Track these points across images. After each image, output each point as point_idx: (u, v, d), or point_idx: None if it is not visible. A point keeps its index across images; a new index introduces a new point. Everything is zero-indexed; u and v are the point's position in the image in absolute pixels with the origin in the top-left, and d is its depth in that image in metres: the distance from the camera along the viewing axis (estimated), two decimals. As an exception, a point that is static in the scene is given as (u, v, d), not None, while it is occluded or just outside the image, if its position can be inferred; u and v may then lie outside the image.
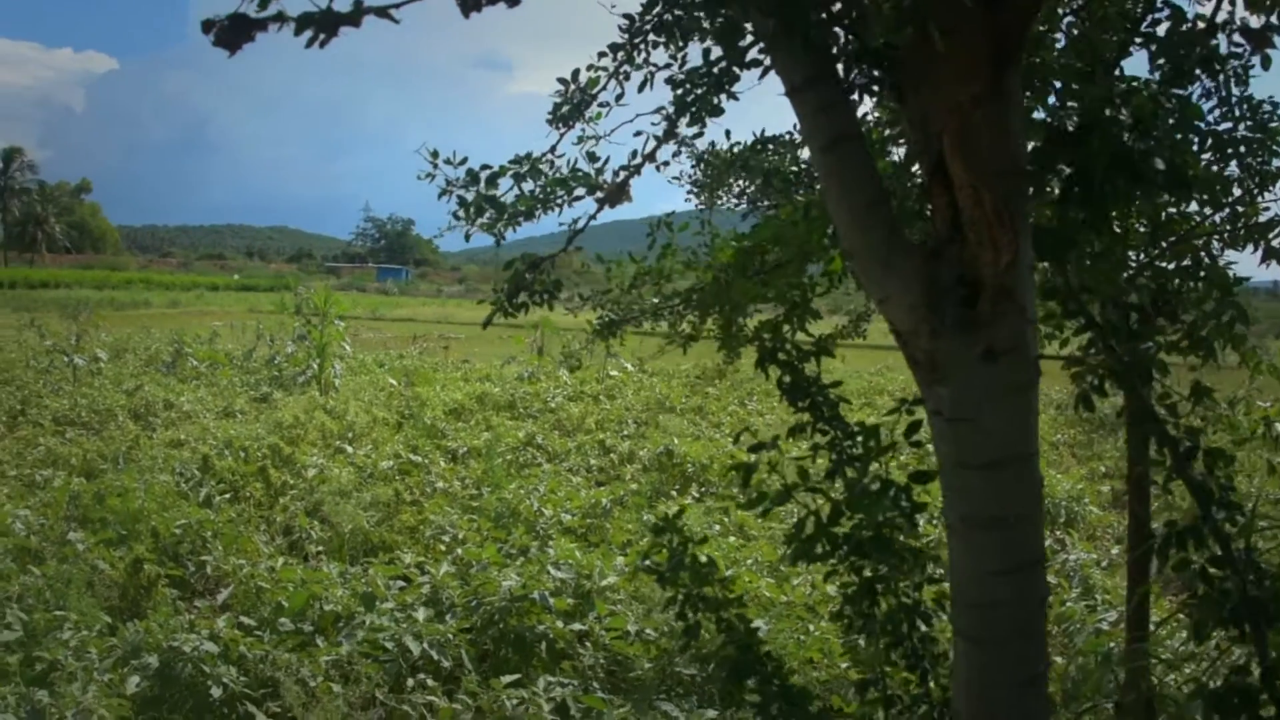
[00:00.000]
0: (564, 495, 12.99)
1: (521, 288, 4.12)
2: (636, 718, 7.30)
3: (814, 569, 10.50)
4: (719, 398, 25.16)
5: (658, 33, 3.71)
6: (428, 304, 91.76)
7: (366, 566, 10.37)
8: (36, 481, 13.57)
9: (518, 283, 4.09)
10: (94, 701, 6.73)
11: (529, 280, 4.10)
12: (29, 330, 35.53)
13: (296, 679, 7.40)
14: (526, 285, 4.12)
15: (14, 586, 8.85)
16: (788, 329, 4.55)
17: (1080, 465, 17.99)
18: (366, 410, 20.19)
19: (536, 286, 4.17)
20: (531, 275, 4.09)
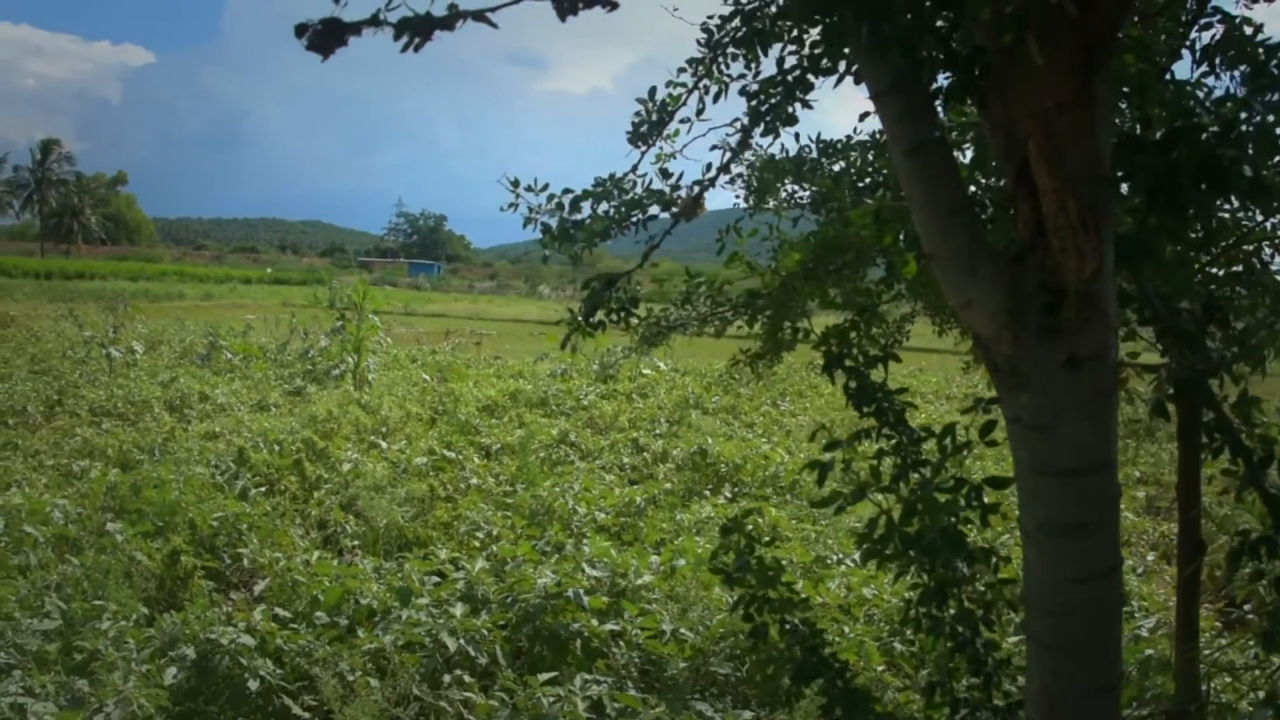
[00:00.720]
0: (598, 493, 12.98)
1: (598, 306, 4.09)
2: (671, 717, 7.27)
3: (851, 571, 10.53)
4: (751, 398, 25.13)
5: (737, 45, 3.69)
6: (459, 300, 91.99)
7: (401, 561, 10.40)
8: (73, 472, 13.63)
9: (594, 301, 4.06)
10: (134, 691, 6.75)
11: (606, 298, 4.08)
12: (66, 321, 35.84)
13: (335, 673, 7.41)
14: (604, 303, 4.10)
15: (53, 575, 8.89)
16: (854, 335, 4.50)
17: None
18: (400, 405, 20.24)
19: (614, 304, 4.15)
20: (608, 293, 4.06)
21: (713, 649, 8.55)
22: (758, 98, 3.70)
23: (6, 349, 28.31)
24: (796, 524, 12.58)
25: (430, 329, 50.23)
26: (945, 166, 2.70)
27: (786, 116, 3.66)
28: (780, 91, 3.58)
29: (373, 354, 26.88)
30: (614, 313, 4.20)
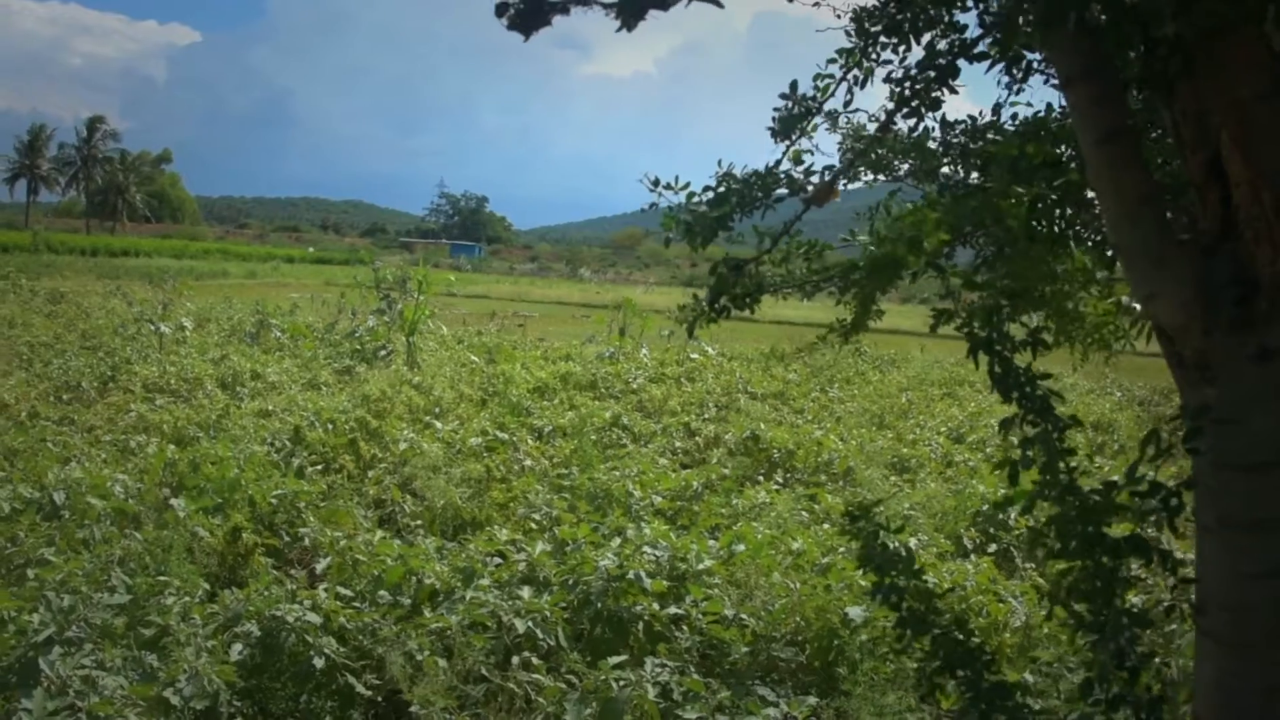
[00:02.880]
0: (654, 477, 12.94)
1: (723, 291, 4.05)
2: (736, 702, 7.25)
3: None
4: (799, 384, 25.06)
5: (889, 34, 3.64)
6: (501, 281, 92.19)
7: (461, 542, 10.40)
8: (130, 447, 13.69)
9: (721, 286, 4.02)
10: (205, 667, 6.77)
11: (732, 283, 4.03)
12: (115, 298, 36.11)
13: (403, 652, 7.41)
14: (729, 289, 4.05)
15: (116, 550, 8.93)
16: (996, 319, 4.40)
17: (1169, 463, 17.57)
18: (452, 386, 20.28)
19: (739, 290, 4.10)
20: (735, 278, 4.01)
21: (774, 634, 8.51)
22: (904, 84, 3.65)
23: (58, 325, 28.52)
24: (853, 512, 12.49)
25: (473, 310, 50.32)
26: (1134, 155, 2.65)
27: (931, 102, 3.62)
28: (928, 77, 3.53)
29: (421, 335, 26.93)
30: (739, 298, 4.15)
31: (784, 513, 11.78)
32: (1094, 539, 3.65)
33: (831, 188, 3.91)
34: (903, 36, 3.57)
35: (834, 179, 3.93)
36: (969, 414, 21.80)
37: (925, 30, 3.52)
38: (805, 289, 4.46)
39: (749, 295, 4.14)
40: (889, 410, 21.91)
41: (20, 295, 36.97)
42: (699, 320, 4.22)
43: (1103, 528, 3.69)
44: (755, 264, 4.09)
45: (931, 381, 27.70)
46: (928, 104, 3.64)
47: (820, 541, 10.39)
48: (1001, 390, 4.12)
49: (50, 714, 6.21)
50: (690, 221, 3.98)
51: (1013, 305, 4.05)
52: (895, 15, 3.54)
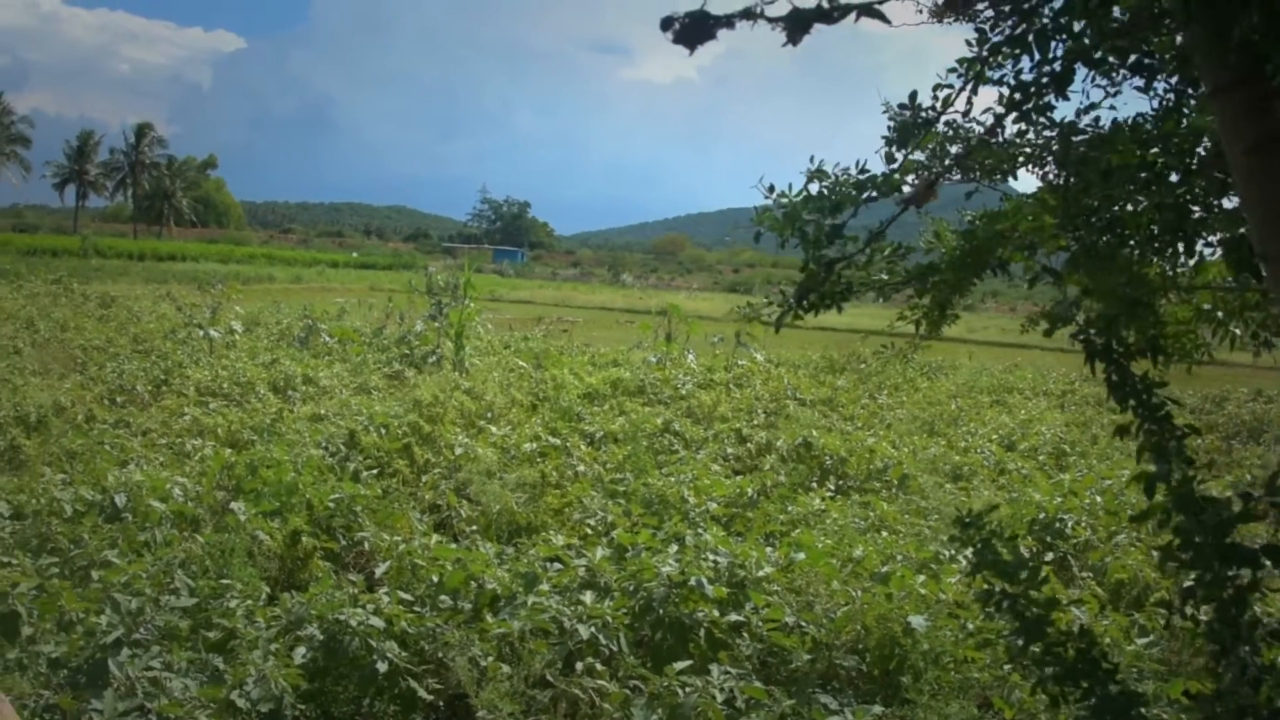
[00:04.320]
0: (709, 484, 12.90)
1: (812, 289, 4.03)
2: (801, 711, 7.21)
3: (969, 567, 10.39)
4: (848, 390, 24.98)
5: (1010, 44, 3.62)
6: (544, 286, 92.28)
7: (518, 546, 10.41)
8: (186, 451, 13.78)
9: (810, 284, 4.00)
10: (273, 670, 6.80)
11: (821, 280, 4.02)
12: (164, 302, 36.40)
13: (468, 656, 7.41)
14: (818, 286, 4.03)
15: (178, 552, 8.98)
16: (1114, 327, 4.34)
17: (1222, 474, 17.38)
18: (502, 391, 20.32)
19: (827, 288, 4.08)
20: (824, 275, 4.00)
21: (834, 642, 8.47)
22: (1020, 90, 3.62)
23: (109, 329, 28.79)
24: (909, 520, 12.44)
25: (518, 315, 50.47)
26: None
27: (1042, 107, 3.59)
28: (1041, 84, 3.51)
29: (469, 340, 27.01)
30: (828, 297, 4.13)
31: (840, 520, 11.73)
32: (1226, 549, 3.59)
33: (931, 189, 3.89)
34: (1025, 46, 3.54)
35: (934, 180, 3.91)
36: (1020, 421, 21.70)
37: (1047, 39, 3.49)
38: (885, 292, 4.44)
39: (837, 294, 4.12)
40: (939, 417, 21.81)
41: (72, 299, 37.36)
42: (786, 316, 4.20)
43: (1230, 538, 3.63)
44: (846, 264, 4.07)
45: (980, 389, 27.59)
46: (1038, 109, 3.61)
47: (879, 549, 10.33)
48: (1118, 398, 4.07)
49: (120, 714, 6.25)
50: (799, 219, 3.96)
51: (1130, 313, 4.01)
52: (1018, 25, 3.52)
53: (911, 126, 3.97)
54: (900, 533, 11.77)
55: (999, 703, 7.80)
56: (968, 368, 31.96)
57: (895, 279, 4.29)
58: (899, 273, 4.31)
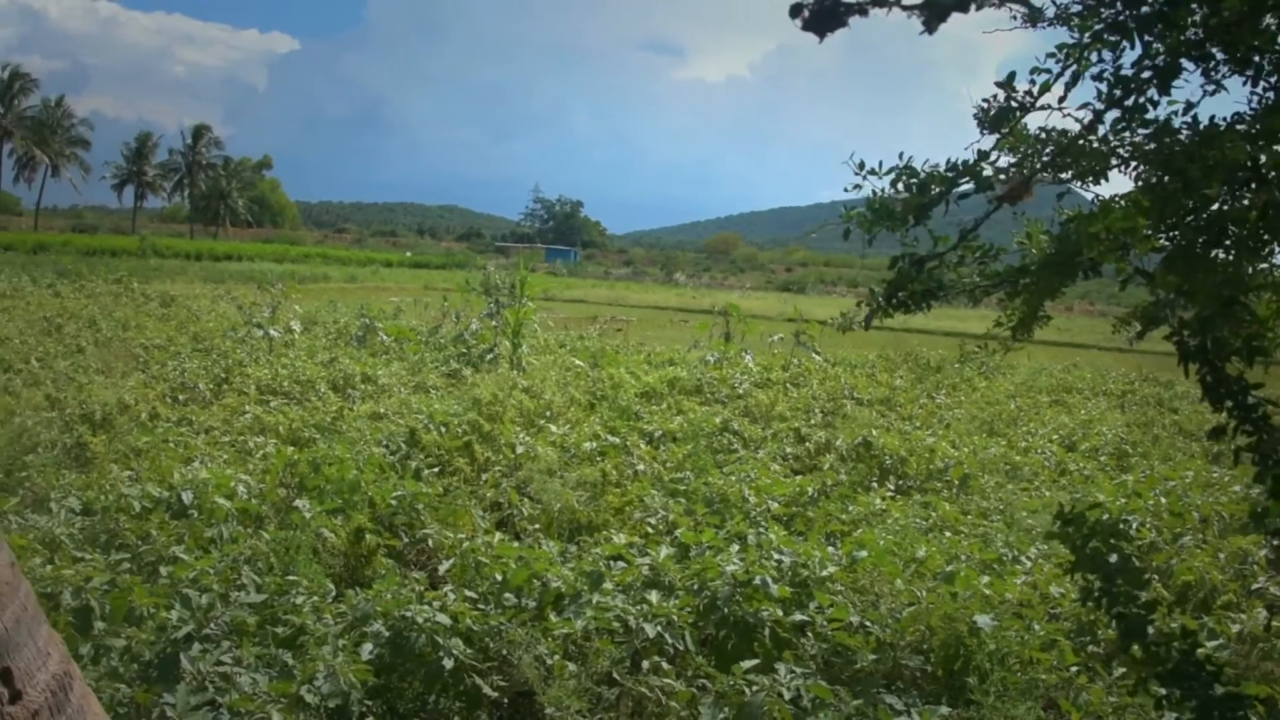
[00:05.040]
0: (769, 483, 12.86)
1: (901, 287, 3.99)
2: (867, 711, 7.17)
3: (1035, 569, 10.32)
4: (906, 390, 24.86)
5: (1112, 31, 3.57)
6: (597, 286, 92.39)
7: (579, 545, 10.42)
8: (249, 448, 13.89)
9: (900, 282, 3.96)
10: (342, 666, 6.84)
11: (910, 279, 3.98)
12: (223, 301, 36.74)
13: (535, 655, 7.41)
14: (907, 285, 3.99)
15: (244, 549, 9.04)
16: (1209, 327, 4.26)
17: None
18: (560, 390, 20.35)
19: (917, 286, 4.04)
20: (914, 274, 3.96)
21: (899, 642, 8.42)
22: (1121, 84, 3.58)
23: (170, 328, 29.07)
24: (972, 520, 12.36)
25: (571, 314, 50.55)
26: None
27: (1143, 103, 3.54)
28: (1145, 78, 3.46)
29: (525, 338, 27.08)
30: (917, 296, 4.09)
31: (901, 520, 11.67)
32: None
33: (1027, 186, 3.84)
34: (1127, 34, 3.49)
35: (1029, 177, 3.86)
36: (1080, 421, 21.53)
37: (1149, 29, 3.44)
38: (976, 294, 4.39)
39: (927, 293, 4.08)
40: (998, 417, 21.67)
41: (133, 298, 37.76)
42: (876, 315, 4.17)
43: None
44: (939, 261, 4.02)
45: (1039, 388, 27.41)
46: (1139, 106, 3.56)
47: (943, 549, 10.26)
48: (1212, 400, 4.00)
49: (192, 709, 6.30)
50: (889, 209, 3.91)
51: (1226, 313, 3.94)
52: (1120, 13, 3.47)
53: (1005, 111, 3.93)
54: (963, 533, 11.70)
55: (1066, 705, 7.74)
56: (1026, 367, 31.73)
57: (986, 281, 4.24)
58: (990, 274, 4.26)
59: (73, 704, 3.77)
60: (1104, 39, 3.57)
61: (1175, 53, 3.29)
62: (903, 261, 3.98)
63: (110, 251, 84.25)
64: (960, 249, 4.14)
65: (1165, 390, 28.84)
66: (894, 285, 4.01)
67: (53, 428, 13.98)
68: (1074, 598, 9.35)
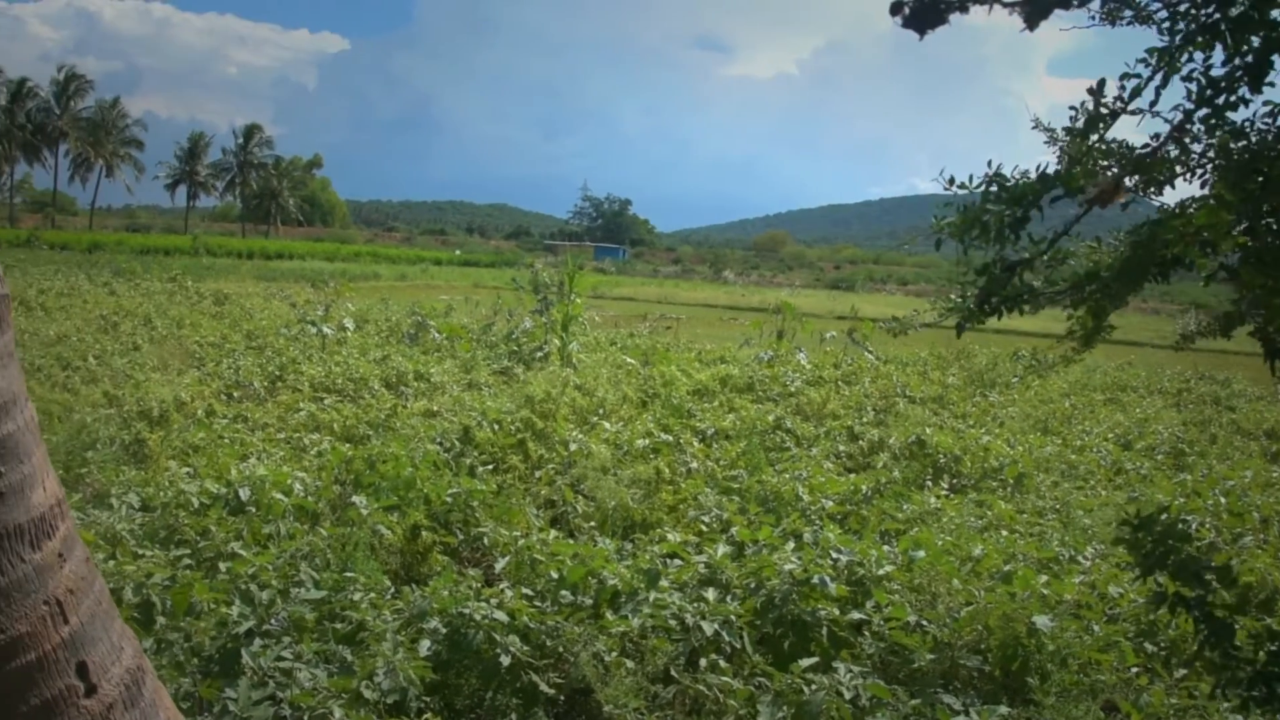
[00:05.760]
0: (823, 481, 12.81)
1: (994, 292, 3.96)
2: (926, 711, 7.13)
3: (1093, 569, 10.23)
4: (959, 388, 24.71)
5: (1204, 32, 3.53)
6: (646, 284, 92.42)
7: (634, 542, 10.42)
8: (304, 445, 13.98)
9: (992, 287, 3.93)
10: (402, 662, 6.87)
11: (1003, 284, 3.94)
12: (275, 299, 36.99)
13: (593, 652, 7.42)
14: (1000, 290, 3.96)
15: (301, 545, 9.10)
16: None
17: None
18: (613, 387, 20.36)
19: (1009, 291, 4.01)
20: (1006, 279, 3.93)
21: (956, 641, 8.36)
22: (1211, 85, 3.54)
23: (223, 325, 29.30)
24: (1027, 519, 12.27)
25: (621, 312, 50.59)
26: None
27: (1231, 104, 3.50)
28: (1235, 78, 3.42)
29: (576, 336, 27.12)
30: (1008, 300, 4.06)
31: (956, 519, 11.60)
32: None
33: (1117, 188, 3.79)
34: (1219, 35, 3.45)
35: (1119, 178, 3.81)
36: (1135, 420, 21.34)
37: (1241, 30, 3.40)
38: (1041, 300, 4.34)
39: (1018, 298, 4.04)
40: (1052, 416, 21.51)
41: (187, 297, 38.08)
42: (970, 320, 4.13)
43: None
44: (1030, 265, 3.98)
45: (1094, 387, 27.20)
46: (1230, 104, 3.51)
47: (999, 549, 10.19)
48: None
49: (253, 704, 6.34)
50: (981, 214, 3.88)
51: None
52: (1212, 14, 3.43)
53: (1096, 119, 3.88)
54: (1018, 532, 11.61)
55: (1126, 706, 7.65)
56: (1079, 365, 31.45)
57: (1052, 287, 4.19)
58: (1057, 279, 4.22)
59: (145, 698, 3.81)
60: (1196, 40, 3.52)
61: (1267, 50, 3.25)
62: (994, 267, 3.94)
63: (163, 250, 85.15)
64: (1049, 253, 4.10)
65: (1222, 389, 28.56)
66: (985, 291, 3.97)
67: (111, 424, 14.09)
68: (1133, 598, 9.28)
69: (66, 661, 3.46)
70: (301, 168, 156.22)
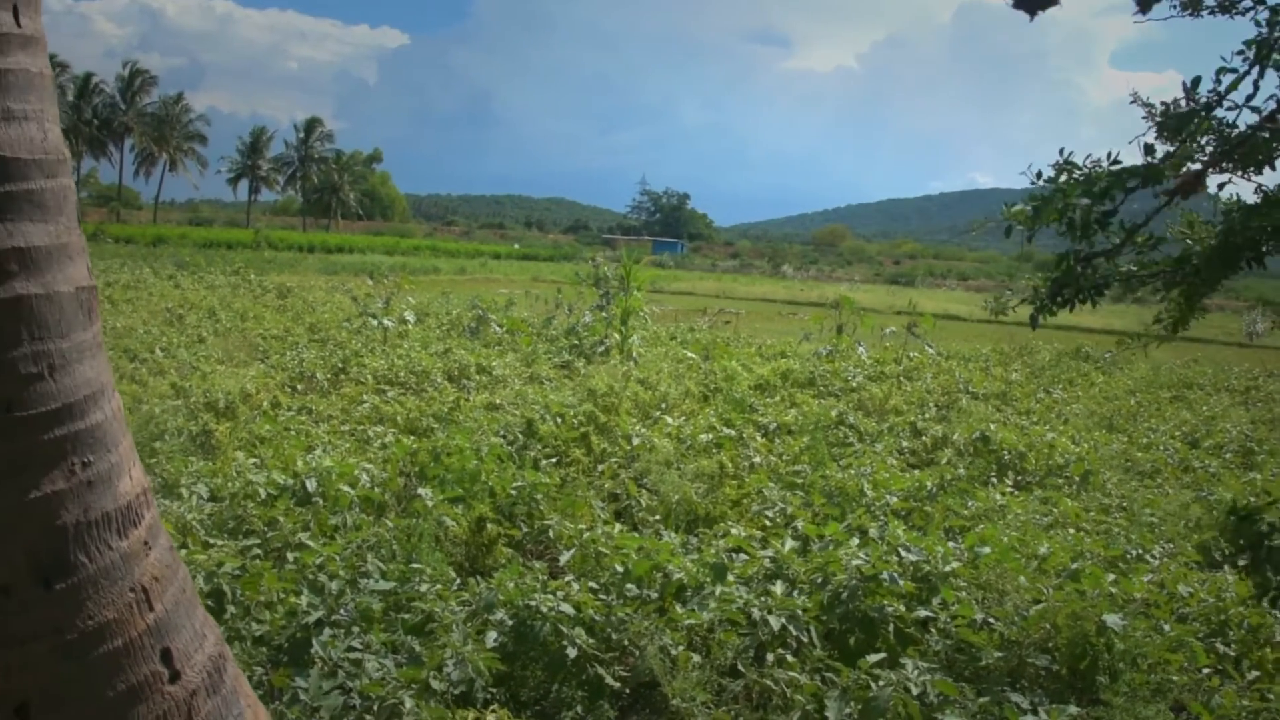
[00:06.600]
0: (887, 477, 12.74)
1: (1067, 284, 3.93)
2: (994, 709, 7.08)
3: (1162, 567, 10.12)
4: (1022, 384, 24.52)
5: None
6: (704, 278, 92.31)
7: (697, 536, 10.41)
8: (368, 437, 14.06)
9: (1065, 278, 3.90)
10: (471, 653, 6.89)
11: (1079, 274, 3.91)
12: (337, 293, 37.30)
13: (659, 645, 7.42)
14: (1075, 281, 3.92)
15: (368, 536, 9.16)
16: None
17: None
18: (675, 382, 20.35)
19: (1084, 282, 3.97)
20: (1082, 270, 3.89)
21: (1024, 640, 8.28)
22: None
23: (286, 318, 29.62)
24: (1094, 516, 12.15)
25: (679, 306, 50.57)
26: None
27: None
28: None
29: (636, 330, 27.15)
30: (1084, 292, 4.02)
31: (1021, 516, 11.51)
32: None
33: (1199, 180, 3.75)
34: None
35: (1202, 171, 3.77)
36: (1203, 418, 21.08)
37: None
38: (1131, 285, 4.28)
39: (1094, 289, 4.00)
40: (1118, 413, 21.29)
41: (250, 290, 38.51)
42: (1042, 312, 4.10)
43: None
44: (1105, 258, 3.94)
45: (1160, 384, 26.89)
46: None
47: (1067, 546, 10.09)
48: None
49: (323, 693, 6.39)
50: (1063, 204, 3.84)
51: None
52: None
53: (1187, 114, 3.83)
54: (1085, 530, 11.50)
55: (1196, 707, 7.56)
56: (1144, 362, 31.12)
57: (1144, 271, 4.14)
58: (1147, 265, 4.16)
59: (226, 685, 3.85)
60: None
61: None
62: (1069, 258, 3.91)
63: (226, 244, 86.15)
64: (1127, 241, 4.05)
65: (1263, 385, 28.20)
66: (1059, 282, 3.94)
67: (178, 415, 14.25)
68: (1203, 598, 9.17)
69: (151, 648, 3.51)
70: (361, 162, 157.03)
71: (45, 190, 3.39)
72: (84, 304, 3.52)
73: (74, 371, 3.37)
